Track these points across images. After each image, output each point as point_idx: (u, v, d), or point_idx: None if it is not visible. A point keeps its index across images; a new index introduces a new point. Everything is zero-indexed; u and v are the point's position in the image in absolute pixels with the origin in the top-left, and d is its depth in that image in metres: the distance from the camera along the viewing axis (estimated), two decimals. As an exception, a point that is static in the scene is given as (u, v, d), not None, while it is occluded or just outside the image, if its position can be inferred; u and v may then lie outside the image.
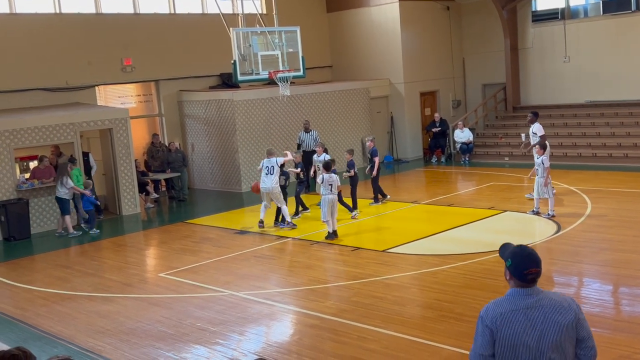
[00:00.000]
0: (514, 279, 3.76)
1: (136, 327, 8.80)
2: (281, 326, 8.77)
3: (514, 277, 3.76)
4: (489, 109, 23.07)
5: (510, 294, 3.76)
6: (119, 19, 18.62)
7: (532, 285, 3.74)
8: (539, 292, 3.75)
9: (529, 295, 3.72)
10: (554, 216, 12.68)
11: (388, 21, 21.83)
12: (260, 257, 11.89)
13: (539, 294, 3.74)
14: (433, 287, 9.52)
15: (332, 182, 12.58)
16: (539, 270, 3.73)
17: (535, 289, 3.75)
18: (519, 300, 3.71)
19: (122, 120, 16.58)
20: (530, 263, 3.73)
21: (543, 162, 12.85)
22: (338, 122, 20.84)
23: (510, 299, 3.74)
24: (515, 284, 3.77)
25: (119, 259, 12.74)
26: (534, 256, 3.77)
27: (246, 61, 14.61)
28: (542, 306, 3.69)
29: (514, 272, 3.75)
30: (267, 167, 13.66)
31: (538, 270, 3.73)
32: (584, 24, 21.06)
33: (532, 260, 3.74)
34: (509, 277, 3.80)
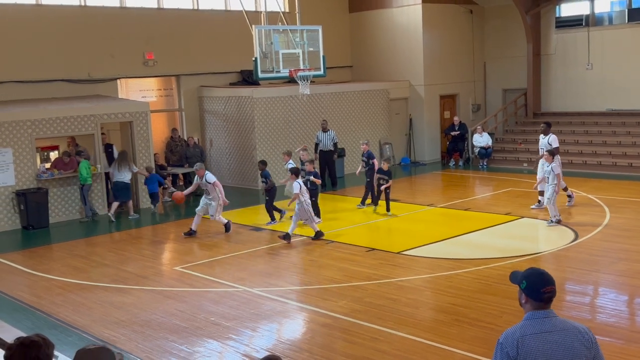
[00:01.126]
0: (530, 301, 3.71)
1: (150, 319, 8.87)
2: (293, 324, 8.80)
3: (530, 299, 3.71)
4: (509, 114, 22.94)
5: (528, 318, 3.70)
6: (142, 13, 18.74)
7: (548, 305, 3.70)
8: (554, 315, 3.71)
9: (547, 318, 3.67)
10: (560, 221, 12.66)
11: (410, 23, 21.78)
12: (274, 254, 11.93)
13: (556, 317, 3.70)
14: (447, 291, 9.49)
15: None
16: (554, 289, 3.71)
17: (551, 312, 3.70)
18: (538, 324, 3.65)
19: (142, 114, 16.70)
20: (546, 282, 3.70)
21: (553, 170, 12.73)
22: (356, 123, 20.83)
23: (529, 323, 3.67)
24: (531, 306, 3.71)
25: (135, 251, 12.84)
26: (548, 275, 3.75)
27: (267, 59, 14.66)
28: (562, 330, 3.64)
29: (530, 293, 3.70)
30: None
31: (554, 289, 3.71)
32: (608, 31, 20.88)
33: (547, 278, 3.72)
34: (525, 300, 3.74)
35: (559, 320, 3.69)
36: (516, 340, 3.61)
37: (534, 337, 3.60)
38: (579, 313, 8.53)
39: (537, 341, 3.59)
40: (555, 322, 3.67)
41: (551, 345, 3.59)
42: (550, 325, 3.64)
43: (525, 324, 3.68)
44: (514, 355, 3.60)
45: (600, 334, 7.72)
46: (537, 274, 3.73)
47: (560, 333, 3.62)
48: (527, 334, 3.62)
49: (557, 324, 3.67)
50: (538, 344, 3.59)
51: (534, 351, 3.58)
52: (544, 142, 14.54)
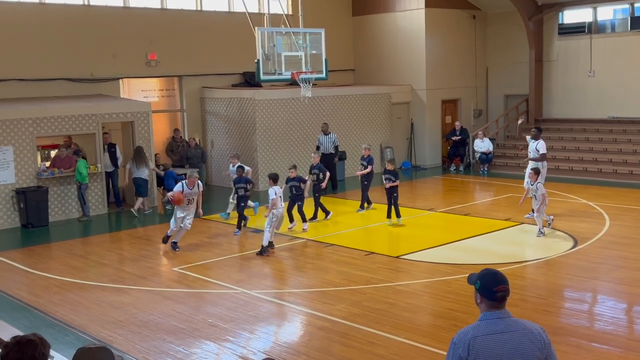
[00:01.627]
0: (485, 300, 3.81)
1: (148, 319, 8.87)
2: (291, 327, 8.80)
3: (484, 299, 3.81)
4: (511, 120, 22.94)
5: (482, 319, 3.80)
6: (145, 13, 18.77)
7: (502, 305, 3.79)
8: (509, 315, 3.80)
9: (501, 319, 3.76)
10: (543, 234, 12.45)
11: (413, 27, 21.80)
12: (273, 257, 11.92)
13: (509, 317, 3.79)
14: (445, 296, 9.49)
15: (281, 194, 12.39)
16: (507, 288, 3.80)
17: (505, 312, 3.79)
18: (491, 325, 3.74)
19: (144, 114, 16.71)
20: (499, 281, 3.80)
21: (539, 189, 12.54)
22: (358, 127, 20.83)
23: (482, 324, 3.77)
24: (485, 306, 3.81)
25: (134, 251, 12.84)
26: (500, 275, 3.85)
27: (269, 61, 14.65)
28: (514, 331, 3.73)
29: (484, 293, 3.80)
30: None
31: (506, 288, 3.80)
32: (610, 39, 20.89)
33: (500, 278, 3.82)
34: (479, 300, 3.84)
35: (512, 321, 3.77)
36: (468, 341, 3.70)
37: (486, 338, 3.69)
38: (577, 320, 8.52)
39: (488, 342, 3.68)
40: (509, 322, 3.76)
41: (502, 345, 3.67)
42: (503, 326, 3.73)
43: (478, 325, 3.77)
44: (465, 355, 3.68)
45: (599, 341, 7.73)
46: (490, 274, 3.85)
47: (512, 334, 3.71)
48: (479, 335, 3.71)
49: (510, 324, 3.75)
50: (489, 345, 3.67)
51: (484, 352, 3.66)
52: (532, 147, 14.56)
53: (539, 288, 9.71)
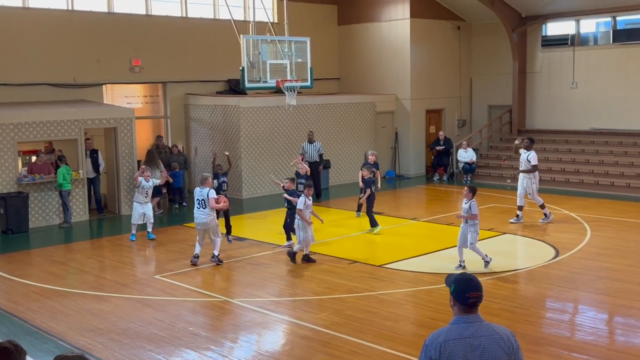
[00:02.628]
0: (457, 304, 3.89)
1: (128, 327, 8.78)
2: (273, 335, 8.75)
3: (457, 303, 3.89)
4: (494, 130, 23.09)
5: (454, 322, 3.88)
6: (130, 19, 18.69)
7: (474, 310, 3.87)
8: (480, 320, 3.87)
9: (471, 323, 3.84)
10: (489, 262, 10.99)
11: (398, 37, 21.91)
12: (256, 265, 11.87)
13: (480, 322, 3.86)
14: (428, 305, 9.49)
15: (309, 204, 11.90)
16: (479, 295, 3.88)
17: (477, 317, 3.87)
18: (462, 329, 3.82)
19: (127, 120, 16.62)
20: (472, 287, 3.88)
21: (471, 208, 10.97)
22: (342, 135, 20.86)
23: (454, 327, 3.85)
24: (458, 310, 3.89)
25: (115, 258, 12.73)
26: (475, 281, 3.93)
27: (254, 68, 14.65)
28: (483, 336, 3.81)
29: (457, 297, 3.88)
30: (197, 199, 11.93)
31: (479, 295, 3.88)
32: (593, 51, 21.11)
33: (474, 284, 3.90)
34: (453, 303, 3.93)
35: (483, 326, 3.85)
36: (439, 344, 3.80)
37: (456, 342, 3.79)
38: (558, 330, 8.55)
39: (458, 346, 3.78)
40: (479, 327, 3.84)
41: (472, 349, 3.77)
42: (473, 330, 3.82)
43: (450, 328, 3.86)
44: (436, 357, 3.79)
45: (579, 352, 7.76)
46: (465, 280, 3.93)
47: (482, 338, 3.80)
48: (450, 339, 3.80)
49: (481, 329, 3.83)
50: (459, 349, 3.77)
51: (454, 355, 3.76)
52: (524, 157, 14.66)
53: (520, 298, 9.74)
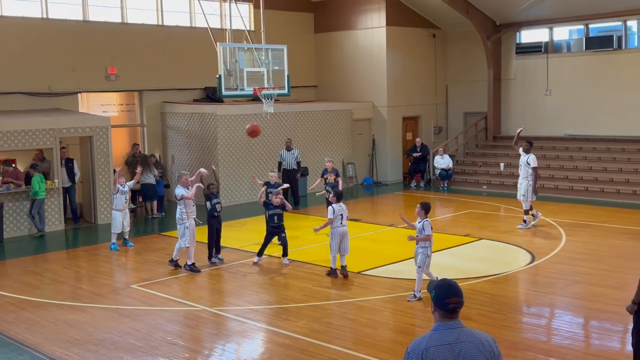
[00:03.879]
0: (438, 310, 3.91)
1: (105, 337, 8.70)
2: (252, 344, 8.72)
3: (437, 309, 3.91)
4: (470, 137, 23.30)
5: (435, 329, 3.90)
6: (105, 28, 18.58)
7: (454, 316, 3.89)
8: (461, 326, 3.89)
9: (453, 330, 3.86)
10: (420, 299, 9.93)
11: (374, 45, 22.04)
12: (234, 273, 11.82)
13: (462, 328, 3.88)
14: (406, 312, 9.53)
15: (342, 212, 11.29)
16: (460, 300, 3.89)
17: (458, 323, 3.89)
18: (443, 335, 3.84)
19: (103, 129, 16.50)
20: (452, 293, 3.89)
21: (424, 228, 10.16)
22: (320, 142, 20.91)
23: (435, 334, 3.87)
24: (439, 315, 3.91)
25: (91, 268, 12.61)
26: (455, 287, 3.93)
27: (231, 76, 14.63)
28: (465, 342, 3.83)
29: (437, 303, 3.90)
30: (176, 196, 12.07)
31: (459, 300, 3.89)
32: (566, 58, 21.42)
33: (453, 290, 3.91)
34: (433, 309, 3.94)
35: (464, 332, 3.87)
36: (421, 351, 3.81)
37: (438, 349, 3.80)
38: (535, 335, 8.64)
39: (440, 352, 3.79)
40: (461, 333, 3.86)
41: (453, 356, 3.78)
42: (455, 337, 3.83)
43: (432, 335, 3.87)
44: None
45: (555, 355, 7.84)
46: (445, 286, 3.94)
47: (464, 344, 3.81)
48: (432, 346, 3.81)
49: (462, 335, 3.85)
50: (441, 355, 3.78)
51: None
52: (524, 160, 14.86)
53: (497, 303, 9.82)
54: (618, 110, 20.23)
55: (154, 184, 17.20)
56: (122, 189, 13.71)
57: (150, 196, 17.23)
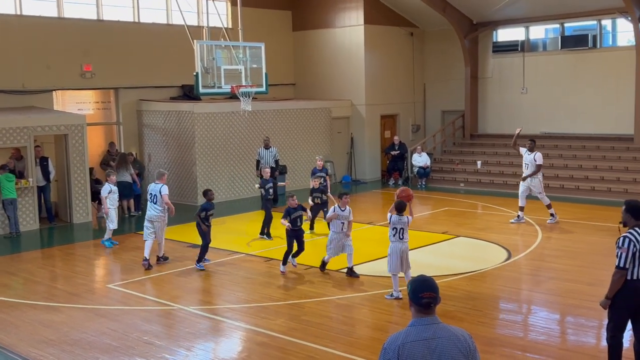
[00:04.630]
0: (413, 305, 3.94)
1: (80, 338, 8.60)
2: (229, 343, 8.68)
3: (412, 303, 3.95)
4: (447, 135, 23.42)
5: (412, 324, 3.93)
6: (81, 25, 18.37)
7: (428, 311, 3.92)
8: (437, 322, 3.92)
9: (429, 325, 3.89)
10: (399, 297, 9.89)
11: (352, 43, 22.06)
12: (211, 272, 11.76)
13: (438, 324, 3.91)
14: (384, 309, 9.55)
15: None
16: (434, 296, 3.92)
17: (434, 319, 3.92)
18: (419, 331, 3.87)
19: (78, 127, 16.32)
20: (425, 288, 3.93)
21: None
22: (298, 141, 20.88)
23: (412, 330, 3.90)
24: (415, 311, 3.94)
25: (66, 268, 12.46)
26: (429, 282, 3.97)
27: (209, 74, 14.56)
28: (441, 337, 3.86)
29: (412, 297, 3.94)
30: (150, 193, 12.19)
31: (433, 295, 3.91)
32: (542, 57, 21.62)
33: (427, 285, 3.95)
34: (410, 303, 3.98)
35: (440, 327, 3.90)
36: (397, 347, 3.84)
37: (414, 344, 3.84)
38: (511, 331, 8.70)
39: (417, 348, 3.82)
40: (437, 329, 3.89)
41: (430, 351, 3.82)
42: (431, 333, 3.87)
43: (408, 331, 3.91)
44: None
45: (532, 351, 7.90)
46: (419, 281, 3.99)
47: (440, 340, 3.85)
48: (408, 341, 3.85)
49: (438, 331, 3.89)
50: (417, 351, 3.82)
51: (413, 357, 3.81)
52: (530, 159, 15.02)
53: (474, 299, 9.88)
54: (593, 108, 20.47)
55: (131, 183, 17.03)
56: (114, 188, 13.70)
57: (127, 195, 17.03)
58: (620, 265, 6.59)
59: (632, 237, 6.58)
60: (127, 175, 16.91)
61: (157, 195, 12.07)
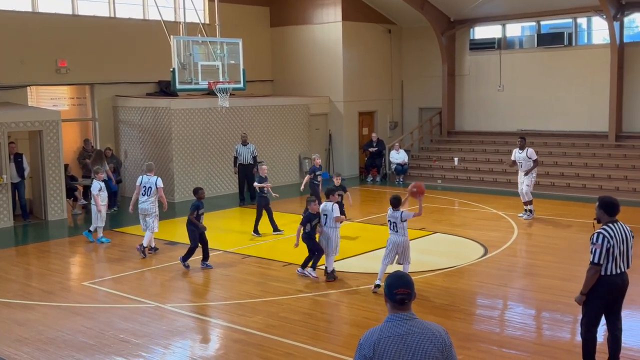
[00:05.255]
0: (388, 300, 3.96)
1: (56, 336, 8.50)
2: (207, 340, 8.64)
3: (387, 299, 3.97)
4: (425, 132, 23.53)
5: (388, 320, 3.95)
6: (56, 19, 18.14)
7: (403, 307, 3.93)
8: (413, 317, 3.94)
9: (405, 321, 3.91)
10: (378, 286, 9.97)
11: (330, 40, 22.05)
12: (189, 270, 11.68)
13: (413, 320, 3.93)
14: (361, 305, 9.57)
15: (326, 212, 10.81)
16: (408, 292, 3.93)
17: (410, 314, 3.94)
18: (395, 327, 3.89)
19: (53, 123, 16.11)
20: (400, 284, 3.94)
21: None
22: (276, 137, 20.83)
23: (387, 325, 3.92)
24: (390, 307, 3.96)
25: (41, 266, 12.31)
26: (404, 279, 3.99)
27: (186, 70, 14.44)
28: (416, 333, 3.89)
29: (387, 293, 3.96)
30: (144, 186, 12.56)
31: (407, 292, 3.93)
32: (518, 54, 21.79)
33: (401, 282, 3.96)
34: (385, 299, 3.99)
35: (416, 323, 3.92)
36: (373, 342, 3.87)
37: (390, 340, 3.86)
38: (488, 327, 8.77)
39: (392, 343, 3.85)
40: (412, 325, 3.91)
41: (405, 347, 3.84)
42: (406, 328, 3.89)
43: (384, 326, 3.93)
44: (370, 355, 3.85)
45: (508, 347, 7.98)
46: (394, 277, 4.01)
47: (415, 336, 3.87)
48: (384, 337, 3.87)
49: (414, 327, 3.91)
50: (392, 346, 3.84)
51: (388, 353, 3.83)
52: (522, 156, 15.12)
53: (450, 295, 9.94)
54: (568, 105, 20.68)
55: (107, 179, 16.78)
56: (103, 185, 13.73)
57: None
58: (594, 261, 6.67)
59: (606, 233, 6.67)
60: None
61: (151, 187, 12.53)
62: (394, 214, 10.16)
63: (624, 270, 6.80)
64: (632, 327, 8.33)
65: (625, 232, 6.78)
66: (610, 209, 6.78)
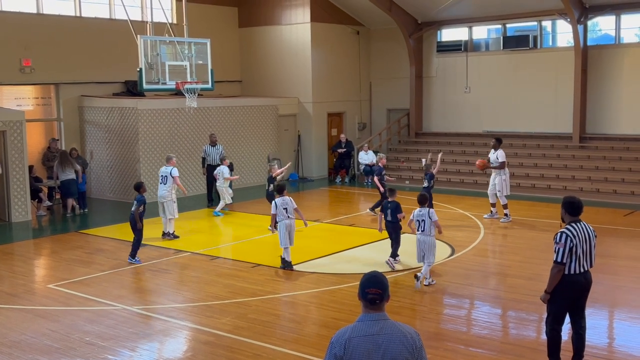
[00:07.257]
0: (361, 299, 3.99)
1: (19, 339, 8.36)
2: (175, 342, 8.57)
3: (360, 298, 4.00)
4: (393, 133, 23.67)
5: (360, 320, 3.97)
6: (20, 18, 17.83)
7: (376, 307, 3.96)
8: (385, 318, 3.97)
9: (377, 321, 3.93)
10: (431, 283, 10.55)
11: (299, 41, 22.06)
12: (156, 271, 11.59)
13: (385, 320, 3.96)
14: (331, 306, 9.59)
15: (286, 205, 11.42)
16: (380, 292, 3.95)
17: (382, 315, 3.97)
18: (367, 327, 3.92)
19: (17, 123, 15.84)
20: (372, 284, 3.97)
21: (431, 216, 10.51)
22: (245, 138, 20.77)
23: (359, 325, 3.94)
24: (363, 306, 4.00)
25: (5, 268, 12.07)
26: (377, 279, 4.01)
27: (153, 70, 14.31)
28: (387, 334, 3.91)
29: (359, 292, 4.00)
30: (161, 175, 13.82)
31: (378, 292, 3.95)
32: (485, 57, 22.06)
33: (374, 282, 3.99)
34: (359, 299, 4.03)
35: (388, 324, 3.95)
36: (344, 341, 3.89)
37: (360, 339, 3.89)
38: (454, 326, 8.86)
39: (362, 343, 3.87)
40: (384, 325, 3.94)
41: (375, 347, 3.87)
42: (377, 329, 3.92)
43: (355, 326, 3.95)
44: (341, 354, 3.88)
45: (474, 345, 8.06)
46: (368, 276, 4.04)
47: (386, 336, 3.90)
48: (355, 336, 3.90)
49: (385, 327, 3.94)
50: (362, 346, 3.87)
51: (358, 352, 3.86)
52: (494, 157, 15.22)
53: (418, 295, 10.01)
54: (534, 107, 21.00)
55: (75, 180, 16.60)
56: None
57: (71, 192, 16.57)
58: (557, 260, 6.78)
59: (569, 232, 6.78)
60: (71, 172, 16.50)
61: (167, 176, 13.60)
62: (421, 212, 10.42)
63: (587, 269, 6.93)
64: (596, 325, 8.49)
65: (588, 231, 6.90)
66: (573, 208, 6.91)
